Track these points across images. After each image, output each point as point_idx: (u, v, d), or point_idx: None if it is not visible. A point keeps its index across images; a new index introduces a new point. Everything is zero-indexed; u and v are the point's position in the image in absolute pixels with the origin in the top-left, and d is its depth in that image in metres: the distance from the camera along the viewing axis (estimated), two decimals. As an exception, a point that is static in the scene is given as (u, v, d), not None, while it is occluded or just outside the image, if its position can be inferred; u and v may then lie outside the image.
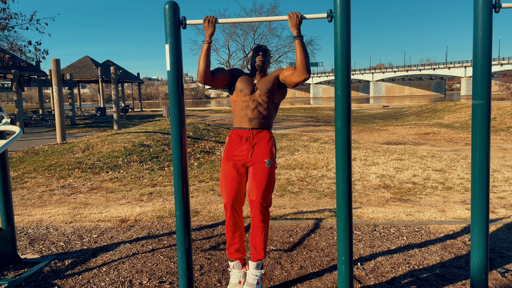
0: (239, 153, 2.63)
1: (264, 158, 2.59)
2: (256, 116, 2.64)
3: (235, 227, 2.65)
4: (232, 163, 2.62)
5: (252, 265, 2.64)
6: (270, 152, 2.62)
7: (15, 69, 19.39)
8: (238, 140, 2.65)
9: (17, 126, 3.18)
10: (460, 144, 13.08)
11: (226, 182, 2.61)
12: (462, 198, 5.78)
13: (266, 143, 2.64)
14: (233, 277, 2.71)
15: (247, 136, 2.63)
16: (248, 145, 2.61)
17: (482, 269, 2.29)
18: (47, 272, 3.30)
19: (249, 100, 2.65)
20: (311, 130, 18.68)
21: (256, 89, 2.68)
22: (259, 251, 2.63)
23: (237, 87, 2.72)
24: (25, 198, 6.23)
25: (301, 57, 2.50)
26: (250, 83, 2.71)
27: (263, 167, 2.57)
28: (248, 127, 2.64)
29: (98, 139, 11.17)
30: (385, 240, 3.86)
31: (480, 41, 2.14)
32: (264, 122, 2.67)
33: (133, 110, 39.78)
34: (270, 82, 2.69)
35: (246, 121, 2.64)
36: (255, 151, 2.60)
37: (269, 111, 2.69)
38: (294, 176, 7.46)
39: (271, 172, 2.59)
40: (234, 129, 2.71)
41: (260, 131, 2.65)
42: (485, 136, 2.20)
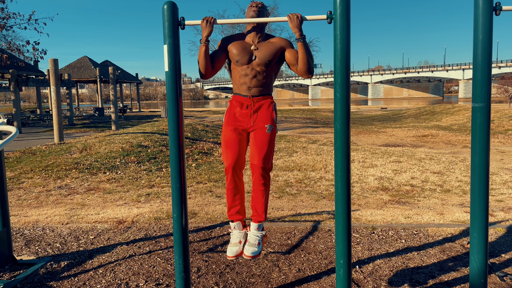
0: (241, 119, 2.63)
1: (265, 124, 2.60)
2: (255, 84, 2.60)
3: (235, 189, 2.66)
4: (233, 127, 2.62)
5: (253, 226, 2.65)
6: (271, 117, 2.62)
7: (13, 68, 19.32)
8: (239, 105, 2.64)
9: (13, 126, 3.15)
10: (458, 147, 13.09)
11: (227, 146, 2.61)
12: (461, 201, 5.78)
13: (266, 108, 2.63)
14: (233, 237, 2.72)
15: (247, 103, 2.62)
16: (249, 111, 2.61)
17: (481, 273, 2.27)
18: (42, 273, 3.28)
19: (247, 69, 2.59)
20: (310, 131, 18.67)
21: (255, 57, 2.58)
22: (260, 213, 2.65)
23: (232, 57, 2.62)
24: (21, 199, 6.20)
25: (305, 60, 2.49)
26: (247, 50, 2.59)
27: (264, 132, 2.58)
28: (248, 95, 2.61)
29: (95, 139, 11.13)
30: (384, 243, 3.85)
31: (480, 44, 2.13)
32: (264, 89, 2.64)
33: (131, 110, 39.71)
34: (271, 52, 2.58)
35: (246, 89, 2.62)
36: (257, 117, 2.61)
37: (268, 78, 2.64)
38: (292, 178, 7.44)
39: (272, 136, 2.61)
40: (234, 95, 2.69)
41: (260, 98, 2.64)
42: (484, 139, 2.18)
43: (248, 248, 2.56)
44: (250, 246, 2.58)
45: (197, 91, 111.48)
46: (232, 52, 2.64)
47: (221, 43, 2.72)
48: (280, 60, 2.69)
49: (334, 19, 2.20)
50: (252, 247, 2.56)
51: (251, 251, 2.54)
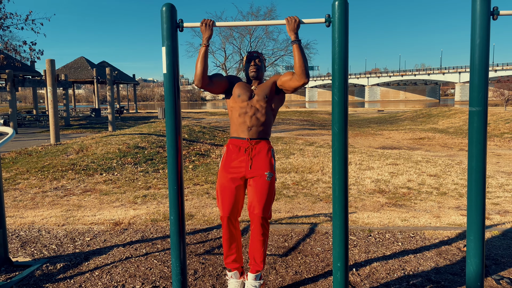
0: (238, 165, 2.59)
1: (264, 171, 2.56)
2: (254, 123, 2.60)
3: (231, 239, 2.64)
4: (230, 176, 2.58)
5: (251, 277, 2.64)
6: (270, 164, 2.59)
7: (9, 69, 19.26)
8: (236, 151, 2.61)
9: (10, 127, 3.14)
10: (454, 150, 13.14)
11: (223, 195, 2.58)
12: (457, 204, 5.80)
13: (265, 154, 2.60)
14: (230, 286, 2.71)
15: (245, 147, 2.59)
16: (247, 156, 2.57)
17: (477, 277, 2.28)
18: (38, 275, 3.26)
19: (247, 106, 2.61)
20: (307, 133, 18.69)
21: (254, 95, 2.65)
22: (258, 263, 2.63)
23: (234, 93, 2.69)
24: (17, 200, 6.17)
25: (300, 62, 2.49)
26: (248, 89, 2.68)
27: (263, 180, 2.54)
28: (247, 137, 2.59)
29: (92, 140, 11.10)
30: (380, 246, 3.85)
31: (478, 48, 2.14)
32: (263, 130, 2.63)
33: (128, 111, 39.64)
34: (267, 88, 2.67)
35: (244, 130, 2.60)
36: (254, 163, 2.56)
37: (267, 117, 2.65)
38: (289, 180, 7.44)
39: (272, 185, 2.57)
40: (232, 139, 2.66)
41: (258, 142, 2.61)
42: (481, 143, 2.19)
43: None
44: None
45: (194, 92, 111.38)
46: (236, 88, 2.70)
47: (228, 75, 2.87)
48: (278, 94, 2.72)
49: (333, 23, 2.21)
50: None
51: None
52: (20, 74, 23.26)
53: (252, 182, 2.58)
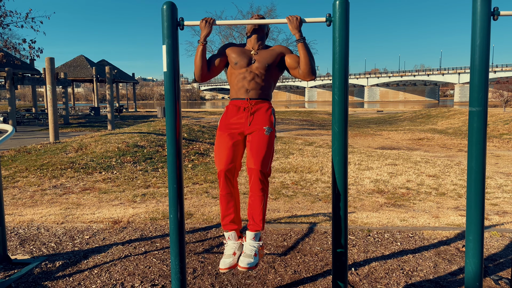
0: (237, 121, 2.53)
1: (263, 126, 2.49)
2: (253, 87, 2.53)
3: (229, 196, 2.51)
4: (228, 133, 2.51)
5: (249, 236, 2.47)
6: (269, 120, 2.52)
7: (8, 67, 19.24)
8: (235, 110, 2.55)
9: (9, 125, 3.13)
10: (453, 150, 13.16)
11: (220, 151, 2.48)
12: (456, 204, 5.80)
13: (264, 111, 2.54)
14: (227, 248, 2.52)
15: (245, 106, 2.53)
16: (246, 113, 2.51)
17: (476, 277, 2.28)
18: (37, 273, 3.26)
19: (246, 72, 2.53)
20: (306, 133, 18.70)
21: (254, 61, 2.54)
22: (257, 222, 2.47)
23: (231, 60, 2.58)
24: (16, 198, 6.16)
25: (306, 60, 2.45)
26: (246, 54, 2.56)
27: (262, 134, 2.47)
28: (246, 98, 2.52)
29: (91, 139, 11.09)
30: (379, 246, 3.86)
31: (478, 48, 2.14)
32: (263, 92, 2.56)
33: (128, 110, 39.59)
34: (271, 57, 2.55)
35: (243, 92, 2.53)
36: (254, 119, 2.50)
37: (267, 82, 2.57)
38: (288, 180, 7.45)
39: (271, 139, 2.49)
40: (232, 100, 2.59)
41: (258, 101, 2.55)
42: (481, 143, 2.19)
43: (243, 259, 2.36)
44: (245, 257, 2.38)
45: (194, 91, 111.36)
46: (231, 55, 2.60)
47: (220, 48, 2.70)
48: (280, 66, 2.63)
49: (333, 22, 2.21)
50: (248, 258, 2.36)
51: (247, 262, 2.33)
52: (20, 72, 23.23)
53: (250, 137, 2.50)
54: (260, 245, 2.48)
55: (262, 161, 2.41)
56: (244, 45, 2.69)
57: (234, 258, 2.42)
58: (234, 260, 2.42)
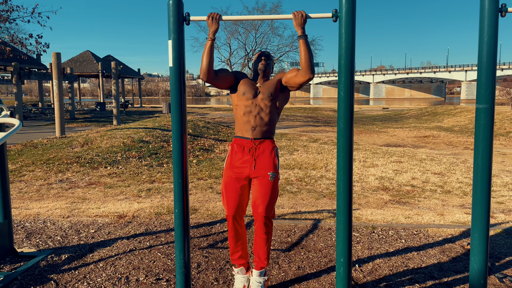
0: (242, 165, 2.61)
1: (267, 171, 2.58)
2: (258, 123, 2.61)
3: (237, 237, 2.68)
4: (235, 176, 2.61)
5: (255, 273, 2.69)
6: (273, 164, 2.61)
7: (15, 61, 19.33)
8: (240, 151, 2.63)
9: (16, 119, 3.16)
10: (459, 148, 13.09)
11: (228, 194, 2.61)
12: (461, 202, 5.78)
13: (268, 154, 2.62)
14: (237, 282, 2.76)
15: (249, 147, 2.61)
16: (250, 156, 2.60)
17: (481, 274, 2.28)
18: (43, 266, 3.29)
19: (252, 105, 2.62)
20: (311, 130, 18.67)
21: (259, 92, 2.65)
22: (262, 260, 2.68)
23: (239, 90, 2.70)
24: (22, 192, 6.21)
25: (306, 57, 2.48)
26: (253, 86, 2.69)
27: (266, 180, 2.57)
28: (251, 137, 2.61)
29: (97, 134, 11.15)
30: (384, 243, 3.85)
31: (486, 45, 2.13)
32: (267, 130, 2.64)
33: (133, 106, 39.73)
34: (272, 86, 2.68)
35: (249, 130, 2.62)
36: (258, 163, 2.59)
37: (271, 116, 2.66)
38: (293, 176, 7.45)
39: (275, 184, 2.60)
40: (236, 138, 2.68)
41: (262, 141, 2.63)
42: (488, 140, 2.18)
43: None
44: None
45: (199, 87, 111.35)
46: (241, 85, 2.71)
47: (234, 71, 2.83)
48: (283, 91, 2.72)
49: (340, 18, 2.20)
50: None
51: None
52: (26, 67, 23.34)
53: (255, 181, 2.61)
54: (265, 279, 2.71)
55: (267, 207, 2.56)
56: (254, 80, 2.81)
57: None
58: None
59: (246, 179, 2.64)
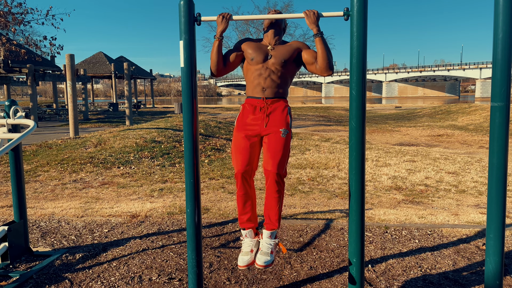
0: (253, 122, 2.52)
1: (279, 128, 2.49)
2: (269, 85, 2.51)
3: (246, 196, 2.57)
4: (244, 134, 2.52)
5: (266, 234, 2.56)
6: (285, 121, 2.51)
7: (30, 63, 19.64)
8: (251, 110, 2.54)
9: (31, 120, 3.20)
10: (474, 147, 12.89)
11: (237, 152, 2.52)
12: (476, 202, 5.69)
13: (281, 112, 2.52)
14: (245, 245, 2.62)
15: (261, 105, 2.52)
16: (262, 114, 2.50)
17: (496, 275, 2.24)
18: (58, 265, 3.33)
19: (262, 68, 2.51)
20: (323, 129, 18.59)
21: (270, 56, 2.52)
22: (273, 221, 2.56)
23: (247, 56, 2.57)
24: (37, 191, 6.31)
25: (324, 55, 2.42)
26: (263, 49, 2.54)
27: (278, 137, 2.47)
28: (262, 97, 2.51)
29: (110, 134, 11.26)
30: (397, 243, 3.82)
31: (500, 42, 2.09)
32: (278, 91, 2.53)
33: (145, 106, 40.04)
34: (288, 52, 2.52)
35: (259, 91, 2.52)
36: (270, 120, 2.49)
37: (283, 79, 2.54)
38: (304, 176, 7.42)
39: (287, 141, 2.50)
40: (247, 98, 2.59)
41: (274, 101, 2.53)
42: (503, 139, 2.15)
43: (260, 257, 2.46)
44: (262, 255, 2.47)
45: (210, 87, 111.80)
46: (247, 51, 2.59)
47: (236, 43, 2.69)
48: (297, 62, 2.59)
49: (351, 16, 2.19)
50: (265, 256, 2.46)
51: (264, 260, 2.44)
52: (41, 68, 23.69)
53: (266, 139, 2.51)
54: (276, 243, 2.57)
55: (279, 164, 2.45)
56: (260, 40, 2.66)
57: (252, 255, 2.51)
58: (251, 257, 2.50)
59: (257, 137, 2.54)
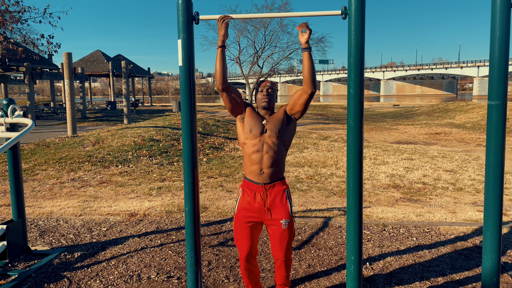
0: (254, 214, 2.57)
1: (280, 220, 2.54)
2: (267, 165, 2.52)
3: (251, 275, 2.71)
4: (246, 220, 2.58)
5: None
6: (286, 211, 2.56)
7: (27, 62, 19.58)
8: (252, 196, 2.57)
9: (29, 119, 3.20)
10: (471, 145, 12.93)
11: (240, 238, 2.61)
12: (473, 200, 5.72)
13: (280, 201, 2.56)
14: None
15: (260, 192, 2.55)
16: (262, 205, 2.55)
17: (493, 272, 2.25)
18: (56, 264, 3.33)
19: (259, 143, 2.54)
20: (321, 128, 18.61)
21: (266, 130, 2.56)
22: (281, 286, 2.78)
23: (246, 126, 2.60)
24: (36, 190, 6.30)
25: (309, 68, 2.45)
26: (260, 123, 2.59)
27: (281, 229, 2.55)
28: (261, 182, 2.54)
29: (108, 133, 11.25)
30: (395, 240, 3.83)
31: (497, 40, 2.10)
32: (276, 171, 2.56)
33: (143, 104, 39.96)
34: (279, 121, 2.59)
35: (258, 174, 2.54)
36: (272, 213, 2.55)
37: (280, 154, 2.57)
38: (303, 174, 7.44)
39: (290, 229, 2.58)
40: (246, 181, 2.61)
41: (273, 185, 2.56)
42: (500, 137, 2.16)
43: None
44: None
45: (208, 86, 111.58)
46: (247, 120, 2.60)
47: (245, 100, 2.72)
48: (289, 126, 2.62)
49: (349, 15, 2.19)
50: None
51: None
52: (38, 67, 23.62)
53: (270, 230, 2.61)
54: None
55: (286, 252, 2.61)
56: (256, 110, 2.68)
57: None
58: None
59: (258, 224, 2.63)
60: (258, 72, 29.72)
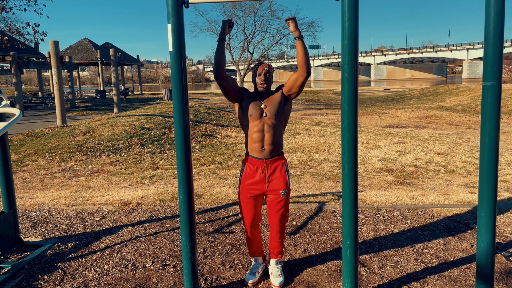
0: (256, 186, 2.77)
1: (279, 190, 2.76)
2: (268, 142, 2.73)
3: (254, 238, 2.92)
4: (249, 194, 2.79)
5: (273, 262, 2.94)
6: (284, 181, 2.78)
7: (13, 51, 19.21)
8: (254, 170, 2.77)
9: (17, 109, 3.13)
10: (462, 127, 13.03)
11: (245, 209, 2.83)
12: (465, 182, 5.77)
13: (279, 172, 2.77)
14: (253, 267, 2.96)
15: (262, 167, 2.75)
16: (264, 177, 2.76)
17: (488, 253, 2.26)
18: (50, 255, 3.30)
19: (260, 125, 2.72)
20: (312, 113, 18.60)
21: (265, 114, 2.74)
22: (276, 254, 2.94)
23: (246, 111, 2.77)
24: (26, 181, 6.22)
25: (303, 54, 2.61)
26: (259, 107, 2.75)
27: (279, 198, 2.77)
28: (263, 158, 2.74)
29: (98, 122, 11.12)
30: (389, 224, 3.85)
31: (492, 20, 2.07)
32: (276, 147, 2.77)
33: (133, 93, 39.57)
34: (276, 103, 2.75)
35: (260, 151, 2.74)
36: (271, 183, 2.76)
37: (279, 131, 2.78)
38: (296, 160, 7.43)
39: (287, 200, 2.81)
40: (249, 157, 2.79)
41: (273, 160, 2.76)
42: (495, 118, 2.14)
43: (275, 279, 2.84)
44: (276, 278, 2.85)
45: (199, 73, 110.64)
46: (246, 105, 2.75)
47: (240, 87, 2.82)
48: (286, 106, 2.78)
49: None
50: (278, 278, 2.85)
51: (278, 281, 2.82)
52: (25, 56, 23.19)
53: (269, 198, 2.82)
54: (282, 264, 2.99)
55: (281, 219, 2.84)
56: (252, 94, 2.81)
57: (257, 276, 2.91)
58: (257, 277, 2.90)
59: (260, 195, 2.84)
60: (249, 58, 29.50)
